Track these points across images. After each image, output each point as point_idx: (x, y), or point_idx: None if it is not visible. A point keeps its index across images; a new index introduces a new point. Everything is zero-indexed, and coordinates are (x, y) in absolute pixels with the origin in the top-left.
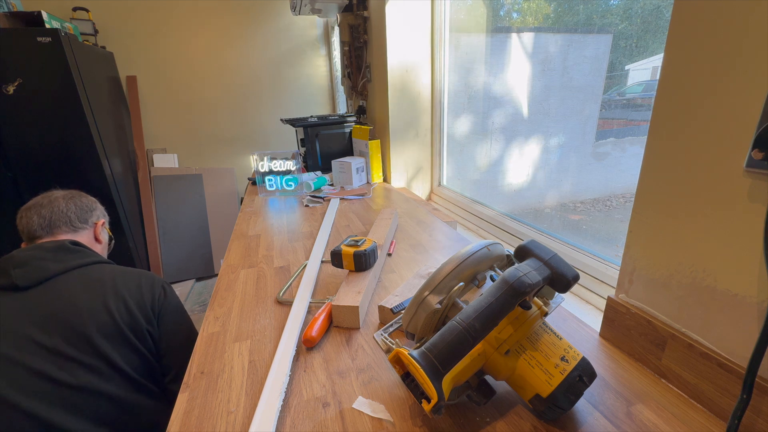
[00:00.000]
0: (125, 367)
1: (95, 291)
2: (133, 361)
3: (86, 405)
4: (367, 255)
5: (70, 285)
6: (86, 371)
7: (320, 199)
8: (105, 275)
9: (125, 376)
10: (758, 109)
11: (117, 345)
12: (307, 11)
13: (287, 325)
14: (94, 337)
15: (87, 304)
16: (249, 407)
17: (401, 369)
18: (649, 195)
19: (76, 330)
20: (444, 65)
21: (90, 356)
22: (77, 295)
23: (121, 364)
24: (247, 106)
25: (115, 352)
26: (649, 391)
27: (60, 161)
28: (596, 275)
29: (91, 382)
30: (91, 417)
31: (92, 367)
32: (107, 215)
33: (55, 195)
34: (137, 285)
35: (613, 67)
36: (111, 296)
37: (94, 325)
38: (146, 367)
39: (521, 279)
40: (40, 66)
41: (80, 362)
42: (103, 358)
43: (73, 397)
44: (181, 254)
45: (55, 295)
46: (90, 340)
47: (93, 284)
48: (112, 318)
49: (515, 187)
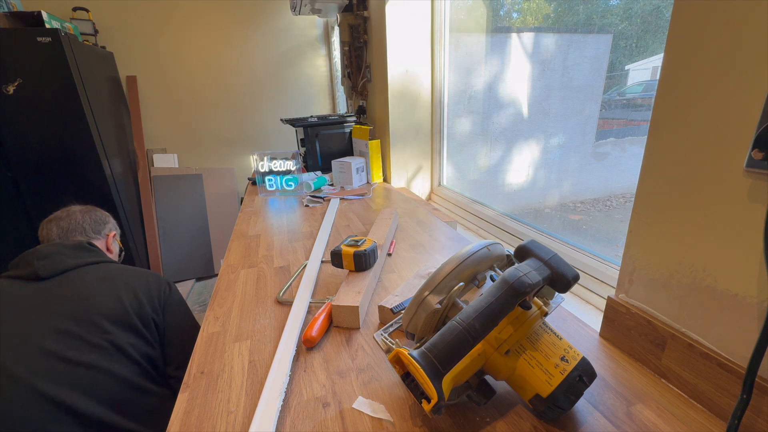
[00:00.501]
0: (131, 351)
1: (106, 283)
2: (139, 347)
3: (92, 383)
4: (367, 255)
5: (84, 277)
6: (93, 350)
7: (320, 199)
8: (115, 271)
9: (130, 359)
10: (758, 109)
11: (124, 330)
12: (307, 11)
13: (287, 325)
14: (103, 321)
15: (98, 293)
16: (249, 407)
17: (401, 369)
18: (649, 195)
19: (86, 314)
20: (444, 65)
21: (98, 337)
22: (90, 285)
23: (127, 347)
24: (247, 106)
25: (122, 336)
26: (649, 391)
27: (60, 161)
28: (596, 275)
29: (98, 360)
30: (96, 396)
31: (99, 347)
32: (119, 229)
33: (72, 209)
34: (145, 280)
35: (613, 67)
36: (121, 287)
37: (104, 311)
38: (150, 354)
39: (521, 279)
40: (40, 66)
41: (88, 341)
42: (110, 340)
43: (80, 375)
44: (181, 254)
45: (71, 285)
46: (99, 324)
47: (104, 278)
48: (121, 305)
49: (515, 187)
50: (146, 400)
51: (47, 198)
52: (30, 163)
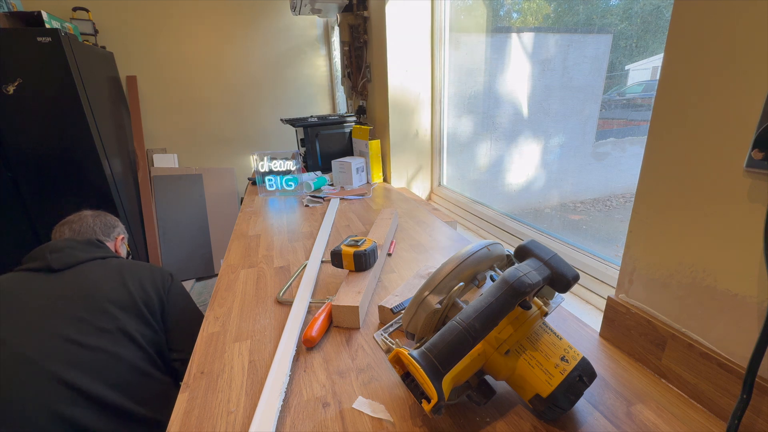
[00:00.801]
0: (138, 337)
1: (115, 274)
2: (145, 333)
3: (100, 366)
4: (367, 255)
5: (94, 270)
6: (102, 335)
7: (320, 199)
8: (122, 264)
9: (137, 344)
10: (758, 109)
11: (131, 316)
12: (307, 11)
13: (287, 325)
14: (113, 308)
15: (107, 283)
16: (249, 407)
17: (401, 369)
18: (649, 195)
19: (96, 302)
20: (444, 65)
21: (107, 323)
22: (99, 276)
23: (134, 333)
24: (247, 106)
25: (131, 322)
26: (649, 391)
27: (60, 161)
28: (596, 275)
29: (106, 345)
30: (104, 379)
31: (108, 332)
32: (127, 233)
33: (84, 213)
34: (149, 271)
35: (613, 67)
36: (128, 277)
37: (113, 299)
38: (156, 341)
39: (521, 279)
40: (40, 66)
41: (97, 327)
42: (119, 326)
43: (90, 359)
44: (181, 254)
45: (81, 276)
46: (108, 311)
47: (112, 269)
48: (129, 293)
49: (515, 187)
50: (153, 386)
51: (47, 198)
52: (30, 163)
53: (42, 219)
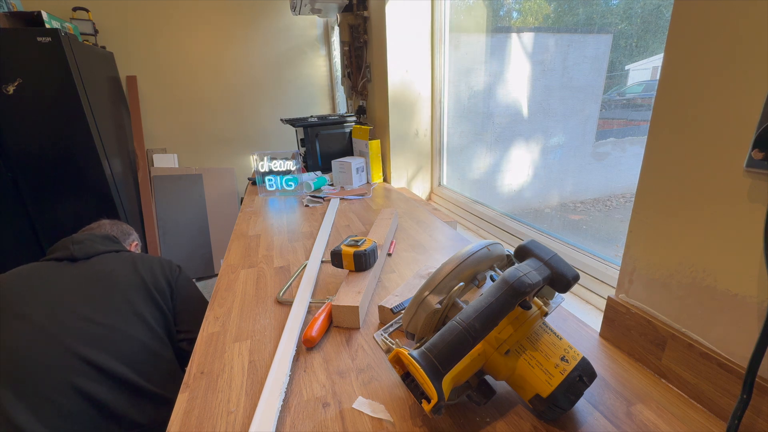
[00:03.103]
0: (149, 318)
1: (128, 263)
2: (156, 315)
3: (114, 344)
4: (367, 255)
5: (110, 260)
6: (116, 314)
7: (320, 199)
8: (135, 255)
9: (148, 326)
10: (758, 109)
11: (143, 299)
12: (307, 11)
13: (287, 325)
14: (126, 291)
15: (122, 270)
16: (249, 407)
17: (401, 369)
18: (649, 195)
19: (111, 285)
20: (444, 65)
21: (120, 304)
22: (115, 265)
23: (145, 314)
24: (247, 106)
25: (143, 305)
26: (649, 391)
27: (60, 161)
28: (596, 275)
29: (120, 325)
30: (116, 355)
31: (121, 312)
32: (140, 240)
33: (103, 222)
34: (159, 261)
35: (613, 67)
36: (140, 265)
37: (126, 283)
38: (166, 323)
39: (521, 279)
40: (40, 66)
41: (112, 308)
42: (131, 307)
43: (103, 336)
44: (181, 254)
45: (99, 265)
46: (122, 293)
47: (126, 260)
48: (141, 279)
49: (515, 187)
50: (161, 365)
51: (47, 198)
52: (30, 163)
53: (42, 219)
